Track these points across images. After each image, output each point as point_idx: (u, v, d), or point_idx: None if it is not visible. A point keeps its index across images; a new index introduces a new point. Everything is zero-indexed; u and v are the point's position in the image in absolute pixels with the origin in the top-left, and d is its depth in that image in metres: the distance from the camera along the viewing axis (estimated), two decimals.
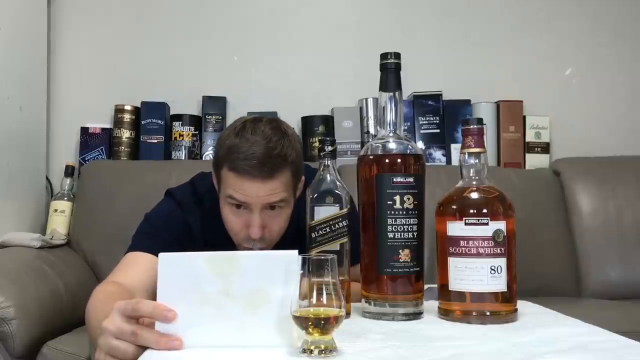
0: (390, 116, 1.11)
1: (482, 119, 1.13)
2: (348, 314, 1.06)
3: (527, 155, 2.47)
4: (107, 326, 0.90)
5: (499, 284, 1.04)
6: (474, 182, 1.09)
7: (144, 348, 0.88)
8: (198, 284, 0.88)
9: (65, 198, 2.22)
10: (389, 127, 1.11)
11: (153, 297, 1.20)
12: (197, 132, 2.39)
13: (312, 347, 0.83)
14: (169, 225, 1.38)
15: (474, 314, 1.04)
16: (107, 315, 0.92)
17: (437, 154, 2.45)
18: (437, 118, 2.47)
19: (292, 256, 0.87)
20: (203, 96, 2.42)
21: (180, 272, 0.89)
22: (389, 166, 1.08)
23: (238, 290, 0.88)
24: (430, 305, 1.12)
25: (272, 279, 0.88)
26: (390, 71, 1.11)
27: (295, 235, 1.35)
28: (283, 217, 1.32)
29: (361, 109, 2.45)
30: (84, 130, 2.37)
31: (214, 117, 2.39)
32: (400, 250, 1.05)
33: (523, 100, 2.50)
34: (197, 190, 1.46)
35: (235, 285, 0.88)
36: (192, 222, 1.40)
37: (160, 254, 0.91)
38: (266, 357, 0.86)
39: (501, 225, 1.04)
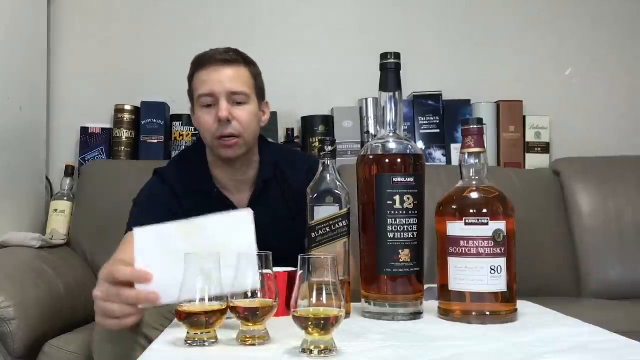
0: (390, 116, 1.11)
1: (482, 119, 1.13)
2: (348, 314, 1.07)
3: (527, 155, 2.47)
4: (96, 293, 1.04)
5: (499, 284, 1.04)
6: (474, 182, 1.09)
7: (130, 308, 1.01)
8: (168, 247, 1.01)
9: (65, 198, 2.22)
10: (389, 127, 1.11)
11: None
12: (197, 132, 2.39)
13: (312, 347, 0.84)
14: (153, 201, 1.50)
15: (474, 314, 1.04)
16: None
17: (437, 154, 2.44)
18: (437, 118, 2.47)
19: (245, 214, 1.04)
20: None
21: (152, 241, 1.03)
22: (389, 166, 1.08)
23: (203, 247, 0.96)
24: (430, 305, 1.12)
25: (229, 235, 1.02)
26: (390, 71, 1.11)
27: (281, 195, 1.53)
28: (248, 111, 1.47)
29: (361, 109, 2.45)
30: (84, 130, 2.37)
31: None
32: (400, 250, 1.06)
33: (523, 100, 2.50)
34: (183, 152, 1.67)
35: (199, 242, 0.98)
36: (175, 184, 1.52)
37: (135, 229, 1.05)
38: (266, 357, 0.86)
39: (501, 225, 1.04)
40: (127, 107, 2.37)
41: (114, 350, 1.16)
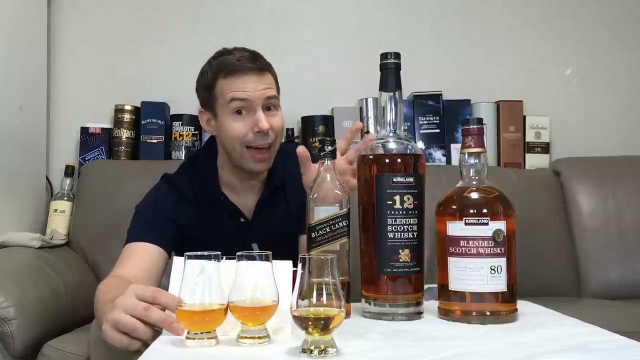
0: (390, 116, 1.11)
1: (482, 119, 1.13)
2: (348, 314, 1.06)
3: (527, 155, 2.47)
4: (120, 301, 0.96)
5: (499, 284, 1.04)
6: (474, 182, 1.09)
7: (147, 329, 0.94)
8: (202, 281, 0.91)
9: (65, 198, 2.22)
10: (389, 127, 1.11)
11: (153, 283, 1.28)
12: (197, 132, 2.39)
13: (312, 347, 0.83)
14: (157, 209, 1.44)
15: (474, 314, 1.04)
16: (115, 299, 0.98)
17: (437, 154, 2.45)
18: (437, 118, 2.47)
19: (288, 264, 0.96)
20: None
21: (189, 270, 0.92)
22: (389, 166, 1.08)
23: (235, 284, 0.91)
24: (430, 305, 1.12)
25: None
26: (390, 71, 1.11)
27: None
28: (280, 117, 1.43)
29: (361, 109, 2.45)
30: (84, 130, 2.37)
31: None
32: (400, 250, 1.05)
33: (523, 100, 2.50)
34: (194, 155, 1.59)
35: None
36: (185, 191, 1.47)
37: (174, 258, 1.01)
38: (266, 357, 0.86)
39: (501, 225, 1.04)
40: (127, 107, 2.37)
41: (110, 351, 1.15)
